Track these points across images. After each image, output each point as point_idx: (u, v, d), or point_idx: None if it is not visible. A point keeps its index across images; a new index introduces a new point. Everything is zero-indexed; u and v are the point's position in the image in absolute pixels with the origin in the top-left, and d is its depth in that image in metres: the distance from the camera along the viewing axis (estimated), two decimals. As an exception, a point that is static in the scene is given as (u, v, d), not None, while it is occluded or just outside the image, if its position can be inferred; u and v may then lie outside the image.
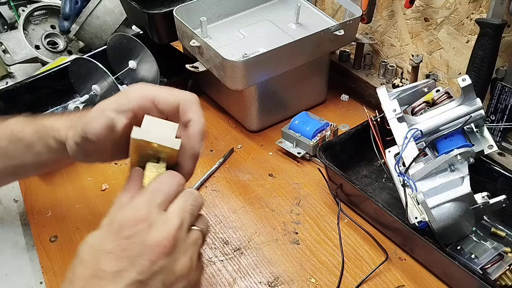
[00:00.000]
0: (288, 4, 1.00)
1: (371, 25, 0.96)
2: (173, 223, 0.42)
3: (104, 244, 0.41)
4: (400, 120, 0.71)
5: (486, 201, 0.63)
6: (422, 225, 0.64)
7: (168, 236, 0.42)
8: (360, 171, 0.83)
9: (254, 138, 0.92)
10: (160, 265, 0.41)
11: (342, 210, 0.75)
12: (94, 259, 0.41)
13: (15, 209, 0.80)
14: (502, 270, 0.62)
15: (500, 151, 0.76)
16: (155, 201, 0.43)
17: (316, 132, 0.85)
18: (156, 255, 0.41)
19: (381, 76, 0.97)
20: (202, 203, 0.47)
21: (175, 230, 0.42)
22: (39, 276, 0.68)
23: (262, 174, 0.84)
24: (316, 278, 0.67)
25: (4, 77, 1.14)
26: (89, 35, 1.11)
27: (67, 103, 1.01)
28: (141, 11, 0.94)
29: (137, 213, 0.42)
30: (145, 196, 0.44)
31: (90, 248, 0.42)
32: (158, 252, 0.41)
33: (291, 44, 0.83)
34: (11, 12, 1.25)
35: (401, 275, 0.67)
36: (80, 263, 0.42)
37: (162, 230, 0.42)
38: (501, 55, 0.76)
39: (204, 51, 0.85)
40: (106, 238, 0.42)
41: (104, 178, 0.83)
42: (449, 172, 0.65)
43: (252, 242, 0.72)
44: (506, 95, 0.75)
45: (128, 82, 1.07)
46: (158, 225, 0.42)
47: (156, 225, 0.42)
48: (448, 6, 0.81)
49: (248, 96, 0.88)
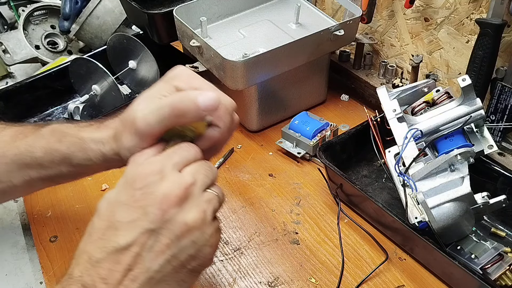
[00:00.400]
0: (288, 4, 1.00)
1: (371, 25, 0.96)
2: (186, 179, 0.44)
3: (119, 197, 0.43)
4: (400, 120, 0.71)
5: (486, 201, 0.63)
6: (422, 225, 0.64)
7: (179, 187, 0.43)
8: (360, 171, 0.83)
9: (254, 138, 0.92)
10: (170, 214, 0.42)
11: (342, 210, 0.75)
12: (109, 211, 0.43)
13: (15, 209, 0.80)
14: (502, 270, 0.62)
15: (500, 151, 0.76)
16: (171, 160, 0.45)
17: (316, 132, 0.85)
18: (167, 205, 0.42)
19: (381, 76, 0.97)
20: (217, 173, 0.48)
21: (186, 184, 0.43)
22: (39, 276, 0.68)
23: (262, 174, 0.84)
24: (316, 278, 0.67)
25: (4, 77, 1.14)
26: (89, 35, 1.11)
27: (67, 103, 1.01)
28: (141, 11, 0.94)
29: (151, 166, 0.44)
30: (161, 155, 0.45)
31: (106, 202, 0.44)
32: (168, 201, 0.42)
33: (291, 44, 0.83)
34: (11, 12, 1.25)
35: (401, 275, 0.67)
36: (97, 216, 0.44)
37: (173, 182, 0.43)
38: (501, 55, 0.76)
39: (204, 51, 0.85)
40: (121, 191, 0.44)
41: (104, 178, 0.83)
42: (449, 172, 0.65)
43: (252, 242, 0.72)
44: (506, 95, 0.75)
45: (128, 82, 1.07)
46: (170, 178, 0.43)
47: (168, 178, 0.43)
48: (448, 6, 0.81)
49: (248, 96, 0.88)
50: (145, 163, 0.45)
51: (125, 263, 0.42)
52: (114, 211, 0.43)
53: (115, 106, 0.91)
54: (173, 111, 0.45)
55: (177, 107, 0.45)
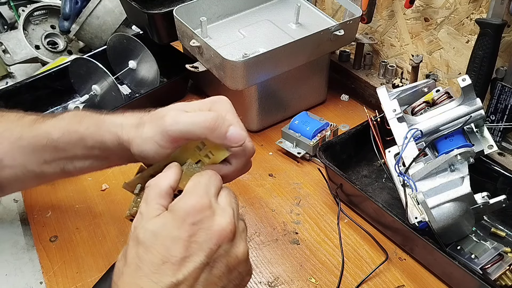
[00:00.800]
0: (288, 4, 1.00)
1: (371, 25, 0.96)
2: (230, 211, 0.45)
3: (171, 231, 0.43)
4: (400, 120, 0.71)
5: (486, 201, 0.63)
6: (422, 225, 0.64)
7: (231, 222, 0.45)
8: (360, 171, 0.83)
9: (254, 138, 0.92)
10: (225, 248, 0.44)
11: (342, 210, 0.75)
12: (162, 246, 0.43)
13: (15, 209, 0.80)
14: (502, 270, 0.62)
15: (500, 151, 0.76)
16: (211, 192, 0.46)
17: (316, 132, 0.85)
18: (222, 240, 0.44)
19: (381, 76, 0.97)
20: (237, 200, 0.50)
21: (234, 217, 0.45)
22: (39, 276, 0.68)
23: (262, 174, 0.84)
24: (316, 278, 0.67)
25: (4, 77, 1.14)
26: (89, 35, 1.11)
27: (67, 103, 1.01)
28: (141, 11, 0.94)
29: (201, 201, 0.44)
30: (201, 187, 0.46)
31: (152, 234, 0.44)
32: (224, 236, 0.44)
33: (291, 44, 0.83)
34: (11, 12, 1.25)
35: (401, 275, 0.67)
36: (145, 249, 0.43)
37: (225, 217, 0.44)
38: (501, 55, 0.76)
39: (204, 51, 0.85)
40: (171, 225, 0.44)
41: (104, 178, 0.83)
42: (449, 172, 0.65)
43: (252, 242, 0.72)
44: (506, 95, 0.75)
45: (128, 82, 1.07)
46: (219, 213, 0.45)
47: (218, 213, 0.45)
48: (448, 6, 0.81)
49: (248, 96, 0.88)
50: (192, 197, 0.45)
51: None
52: (167, 246, 0.43)
53: (115, 106, 0.91)
54: (205, 123, 0.47)
55: (210, 121, 0.47)
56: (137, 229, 0.45)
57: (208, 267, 0.43)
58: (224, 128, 0.47)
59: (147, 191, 0.47)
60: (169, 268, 0.42)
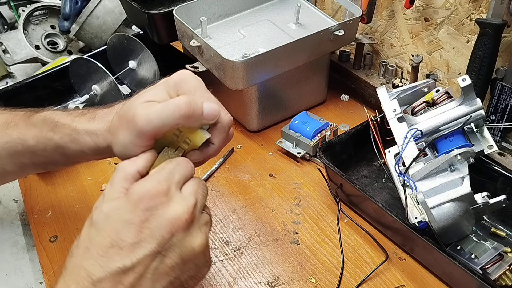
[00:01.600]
0: (288, 4, 1.00)
1: (371, 25, 0.96)
2: (191, 200, 0.44)
3: (123, 214, 0.42)
4: (400, 120, 0.71)
5: (486, 201, 0.63)
6: (422, 225, 0.64)
7: (188, 211, 0.43)
8: (360, 171, 0.83)
9: (254, 138, 0.92)
10: (179, 238, 0.42)
11: (342, 210, 0.75)
12: (112, 228, 0.42)
13: (15, 209, 0.80)
14: (502, 270, 0.62)
15: (500, 151, 0.76)
16: (174, 179, 0.44)
17: (316, 132, 0.85)
18: (176, 228, 0.42)
19: (381, 76, 0.97)
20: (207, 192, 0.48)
21: (193, 207, 0.44)
22: (39, 276, 0.68)
23: (262, 174, 0.84)
24: (316, 278, 0.67)
25: (4, 77, 1.14)
26: (89, 35, 1.12)
27: (67, 103, 1.01)
28: (141, 11, 0.94)
29: (158, 186, 0.43)
30: (164, 173, 0.44)
31: (105, 216, 0.43)
32: (178, 225, 0.42)
33: (291, 44, 0.83)
34: (11, 12, 1.25)
35: (401, 275, 0.67)
36: (96, 231, 0.42)
37: (182, 205, 0.43)
38: (501, 55, 0.76)
39: (204, 51, 0.85)
40: (124, 208, 0.42)
41: (104, 178, 0.83)
42: (449, 172, 0.65)
43: (252, 242, 0.72)
44: (506, 95, 0.75)
45: (128, 82, 1.07)
46: (177, 200, 0.43)
47: (175, 200, 0.43)
48: (448, 6, 0.81)
49: (248, 96, 0.88)
50: (149, 181, 0.44)
51: (127, 284, 0.41)
52: (117, 230, 0.41)
53: (115, 106, 0.91)
54: (179, 112, 0.44)
55: (184, 109, 0.44)
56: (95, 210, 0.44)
57: (160, 256, 0.42)
58: (199, 110, 0.45)
59: (114, 173, 0.46)
60: (117, 253, 0.41)
